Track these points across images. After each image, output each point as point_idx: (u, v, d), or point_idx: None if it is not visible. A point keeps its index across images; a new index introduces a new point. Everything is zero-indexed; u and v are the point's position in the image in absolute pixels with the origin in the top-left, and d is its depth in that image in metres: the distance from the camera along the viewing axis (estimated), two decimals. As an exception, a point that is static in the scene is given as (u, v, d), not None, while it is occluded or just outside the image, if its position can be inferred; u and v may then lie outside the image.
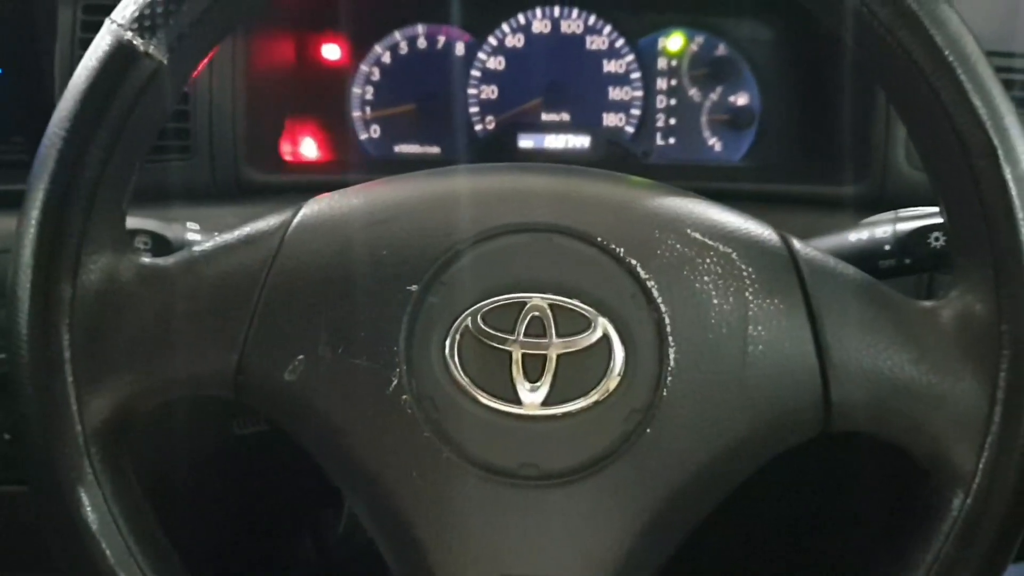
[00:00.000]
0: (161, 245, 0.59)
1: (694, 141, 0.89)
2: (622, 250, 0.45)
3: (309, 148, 0.88)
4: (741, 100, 0.88)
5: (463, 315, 0.45)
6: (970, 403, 0.44)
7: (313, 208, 0.48)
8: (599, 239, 0.46)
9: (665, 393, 0.44)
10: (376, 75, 0.88)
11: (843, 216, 0.64)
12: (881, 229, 0.58)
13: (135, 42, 0.44)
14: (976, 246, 0.44)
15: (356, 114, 0.88)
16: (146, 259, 0.48)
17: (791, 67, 0.86)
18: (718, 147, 0.88)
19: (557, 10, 0.87)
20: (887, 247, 0.57)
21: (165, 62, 0.45)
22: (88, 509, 0.46)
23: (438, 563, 0.45)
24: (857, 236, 0.59)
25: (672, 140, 0.89)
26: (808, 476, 0.80)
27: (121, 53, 0.44)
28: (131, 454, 0.49)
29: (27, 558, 0.79)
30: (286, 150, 0.86)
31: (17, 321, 0.45)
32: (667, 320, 0.45)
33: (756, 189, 0.79)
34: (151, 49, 0.44)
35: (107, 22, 0.45)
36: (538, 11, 0.87)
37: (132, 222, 0.59)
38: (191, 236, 0.61)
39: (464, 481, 0.45)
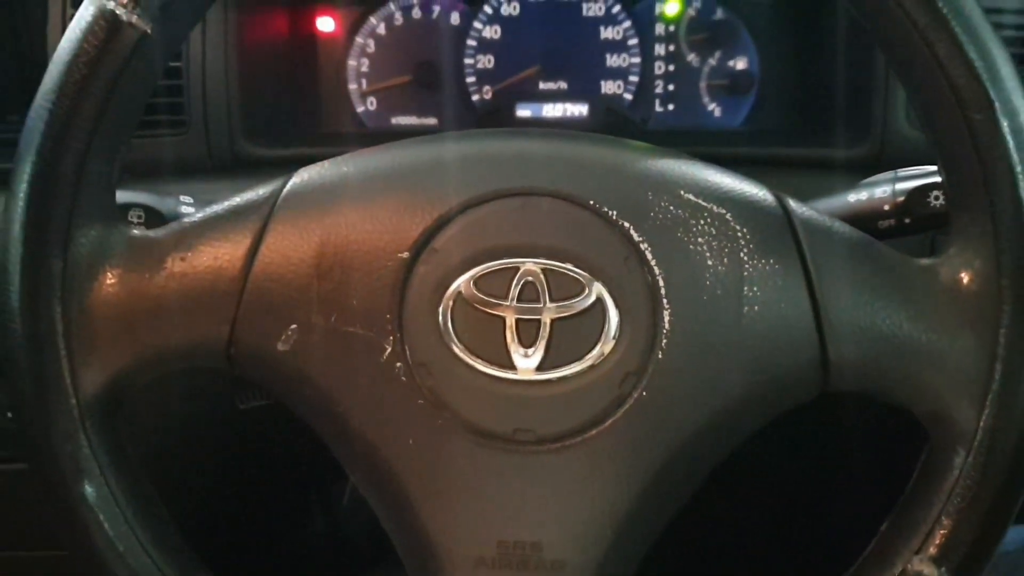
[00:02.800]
0: (155, 218, 0.59)
1: (693, 107, 0.88)
2: (615, 213, 0.45)
3: (306, 121, 0.88)
4: (740, 64, 0.87)
5: (456, 281, 0.45)
6: (970, 360, 0.44)
7: (303, 177, 0.48)
8: (591, 202, 0.45)
9: (660, 356, 0.44)
10: (371, 47, 0.87)
11: (844, 179, 0.63)
12: (880, 189, 0.57)
13: (118, 12, 0.44)
14: (974, 201, 0.44)
15: (352, 86, 0.88)
16: (136, 231, 0.48)
17: (790, 30, 0.85)
18: (717, 112, 0.88)
19: (552, -24, 0.86)
20: (886, 207, 0.57)
21: (149, 31, 0.45)
22: (85, 482, 0.46)
23: (435, 529, 0.45)
24: (856, 196, 0.58)
25: (671, 106, 0.88)
26: (804, 440, 0.80)
27: (104, 23, 0.44)
28: (129, 427, 0.50)
29: (30, 535, 0.79)
30: (282, 124, 0.85)
31: (9, 296, 0.46)
32: (661, 282, 0.44)
33: (756, 153, 0.78)
34: (135, 19, 0.44)
35: None
36: (533, -22, 0.86)
37: (125, 196, 0.59)
38: (185, 209, 0.61)
39: (460, 447, 0.45)
